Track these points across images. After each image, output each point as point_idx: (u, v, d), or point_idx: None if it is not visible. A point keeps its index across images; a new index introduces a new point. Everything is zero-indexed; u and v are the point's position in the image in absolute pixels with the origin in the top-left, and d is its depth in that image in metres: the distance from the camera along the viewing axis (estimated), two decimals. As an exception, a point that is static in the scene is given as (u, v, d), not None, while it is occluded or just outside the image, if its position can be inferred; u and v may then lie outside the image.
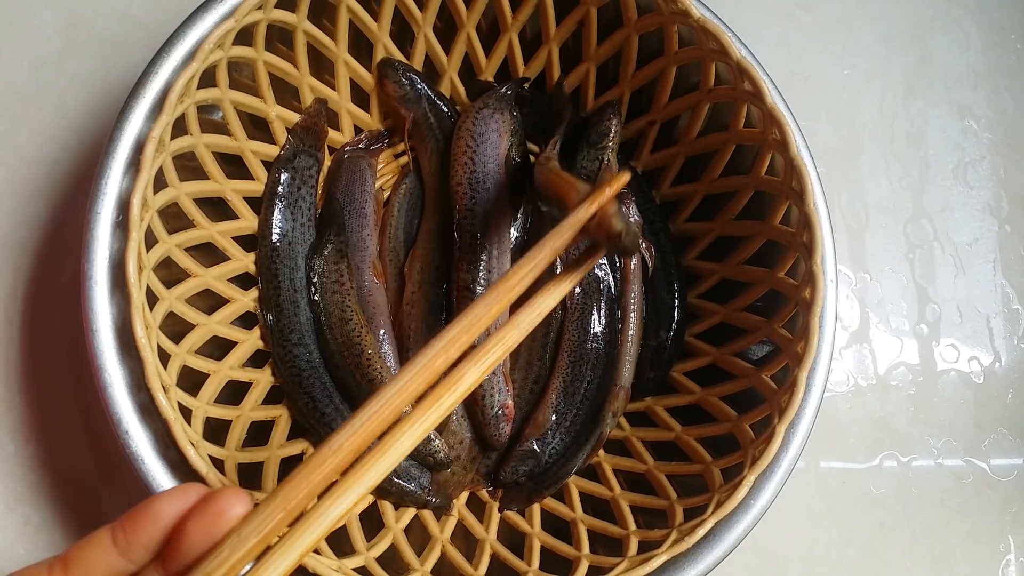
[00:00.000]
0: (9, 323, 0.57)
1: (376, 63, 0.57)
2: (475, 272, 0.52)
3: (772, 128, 0.48)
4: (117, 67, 0.62)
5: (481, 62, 0.58)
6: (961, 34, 0.73)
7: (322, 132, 0.56)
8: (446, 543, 0.49)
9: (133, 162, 0.44)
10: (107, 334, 0.43)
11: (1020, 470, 0.64)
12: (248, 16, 0.46)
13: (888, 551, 0.62)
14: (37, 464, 0.56)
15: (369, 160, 0.58)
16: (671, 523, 0.46)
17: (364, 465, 0.28)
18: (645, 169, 0.60)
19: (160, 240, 0.45)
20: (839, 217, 0.68)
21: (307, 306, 0.53)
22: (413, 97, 0.57)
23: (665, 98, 0.56)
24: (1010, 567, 0.62)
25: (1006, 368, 0.67)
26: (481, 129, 0.55)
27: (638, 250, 0.42)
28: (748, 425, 0.48)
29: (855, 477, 0.63)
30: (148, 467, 0.42)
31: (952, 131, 0.71)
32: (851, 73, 0.71)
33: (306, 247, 0.54)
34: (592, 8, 0.54)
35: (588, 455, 0.53)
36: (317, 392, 0.50)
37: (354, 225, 0.56)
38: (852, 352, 0.65)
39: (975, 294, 0.68)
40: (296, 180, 0.54)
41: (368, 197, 0.57)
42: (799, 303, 0.47)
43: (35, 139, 0.61)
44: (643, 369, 0.56)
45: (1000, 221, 0.70)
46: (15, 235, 0.59)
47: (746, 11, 0.70)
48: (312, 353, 0.52)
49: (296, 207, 0.54)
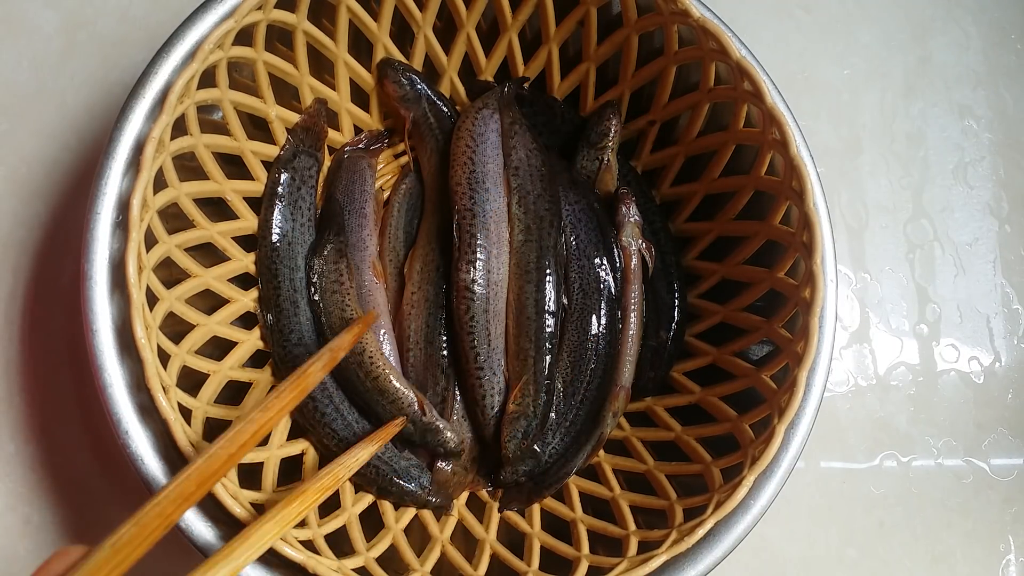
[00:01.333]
0: (9, 323, 0.58)
1: (376, 63, 0.57)
2: (474, 272, 0.52)
3: (772, 128, 0.48)
4: (117, 67, 0.63)
5: (481, 62, 0.58)
6: (961, 34, 0.73)
7: (322, 132, 0.56)
8: (446, 543, 0.49)
9: (133, 162, 0.44)
10: (107, 334, 0.43)
11: (1020, 470, 0.64)
12: (248, 16, 0.46)
13: (888, 551, 0.62)
14: (38, 464, 0.56)
15: (369, 160, 0.58)
16: (671, 523, 0.46)
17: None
18: (645, 169, 0.60)
19: (160, 240, 0.45)
20: (839, 217, 0.68)
21: (307, 306, 0.53)
22: (413, 97, 0.57)
23: (665, 98, 0.56)
24: (1010, 567, 0.62)
25: (1006, 368, 0.67)
26: (480, 129, 0.55)
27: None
28: (748, 425, 0.48)
29: (855, 477, 0.63)
30: (148, 467, 0.42)
31: (952, 131, 0.71)
32: (851, 73, 0.71)
33: (306, 247, 0.54)
34: (592, 8, 0.54)
35: (588, 455, 0.53)
36: (317, 392, 0.50)
37: (354, 225, 0.56)
38: (852, 352, 0.66)
39: (975, 294, 0.68)
40: (296, 180, 0.54)
41: (368, 197, 0.57)
42: (799, 303, 0.47)
43: (35, 139, 0.61)
44: (643, 369, 0.56)
45: (1000, 221, 0.70)
46: (15, 235, 0.59)
47: (746, 11, 0.70)
48: (312, 353, 0.52)
49: (296, 207, 0.54)
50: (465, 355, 0.52)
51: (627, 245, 0.55)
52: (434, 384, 0.53)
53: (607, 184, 0.58)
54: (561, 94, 0.60)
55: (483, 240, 0.52)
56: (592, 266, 0.55)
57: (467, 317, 0.52)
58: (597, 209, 0.56)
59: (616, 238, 0.55)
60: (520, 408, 0.52)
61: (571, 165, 0.58)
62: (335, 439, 0.50)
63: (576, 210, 0.56)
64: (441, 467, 0.52)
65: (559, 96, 0.60)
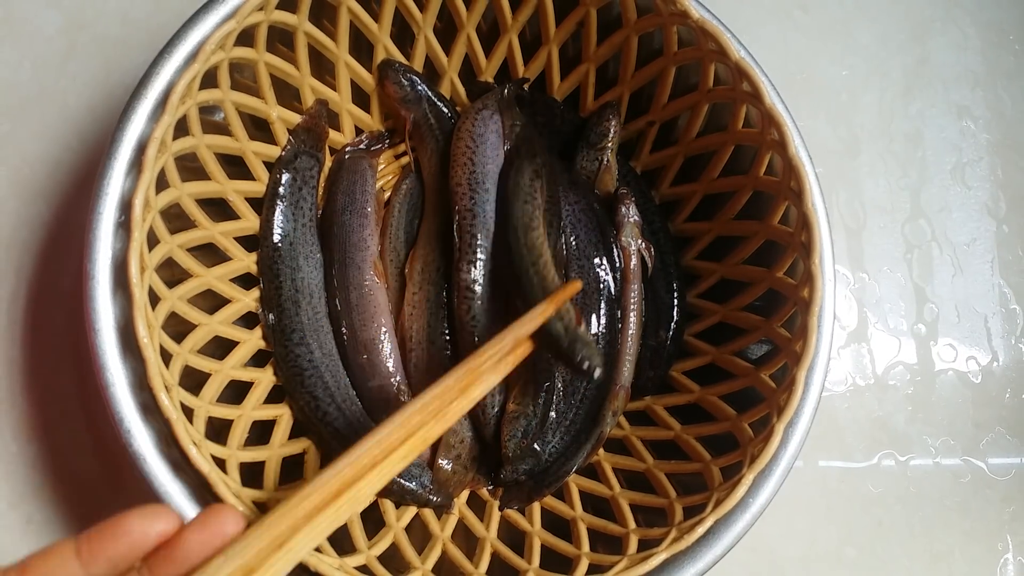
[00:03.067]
0: (12, 323, 0.58)
1: (377, 64, 0.57)
2: (474, 272, 0.52)
3: (771, 128, 0.48)
4: (119, 68, 0.63)
5: (481, 63, 0.59)
6: (960, 35, 0.73)
7: (323, 133, 0.56)
8: (447, 541, 0.50)
9: (135, 163, 0.45)
10: (109, 334, 0.43)
11: (1018, 469, 0.65)
12: (249, 17, 0.47)
13: (886, 550, 0.62)
14: (40, 463, 0.56)
15: (370, 160, 0.58)
16: (671, 521, 0.47)
17: (347, 493, 0.32)
18: (644, 169, 0.60)
19: (162, 240, 0.45)
20: (837, 217, 0.68)
21: (308, 306, 0.53)
22: (414, 98, 0.57)
23: (664, 99, 0.56)
24: (1008, 566, 0.63)
25: (1004, 367, 0.67)
26: (480, 130, 0.55)
27: (587, 364, 0.44)
28: (747, 424, 0.48)
29: (853, 476, 0.63)
30: (150, 466, 0.42)
31: (950, 131, 0.71)
32: (850, 74, 0.71)
33: (307, 247, 0.54)
34: (592, 9, 0.54)
35: (588, 454, 0.53)
36: (319, 391, 0.51)
37: (355, 225, 0.56)
38: (850, 352, 0.66)
39: (973, 294, 0.68)
40: (297, 181, 0.54)
41: (369, 197, 0.57)
42: (798, 302, 0.48)
43: (37, 140, 0.61)
44: (643, 368, 0.56)
45: (998, 221, 0.70)
46: (18, 235, 0.59)
47: (745, 12, 0.70)
48: (314, 353, 0.52)
49: (297, 208, 0.54)
50: (468, 355, 0.52)
51: (627, 245, 0.55)
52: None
53: (607, 184, 0.58)
54: (561, 95, 0.60)
55: (483, 240, 0.52)
56: (592, 266, 0.55)
57: (468, 317, 0.52)
58: (597, 209, 0.56)
59: (616, 238, 0.55)
60: (520, 407, 0.52)
61: (571, 165, 0.58)
62: (337, 438, 0.50)
63: (576, 210, 0.56)
64: (442, 465, 0.52)
65: (559, 97, 0.60)
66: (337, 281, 0.54)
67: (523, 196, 0.51)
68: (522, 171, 0.53)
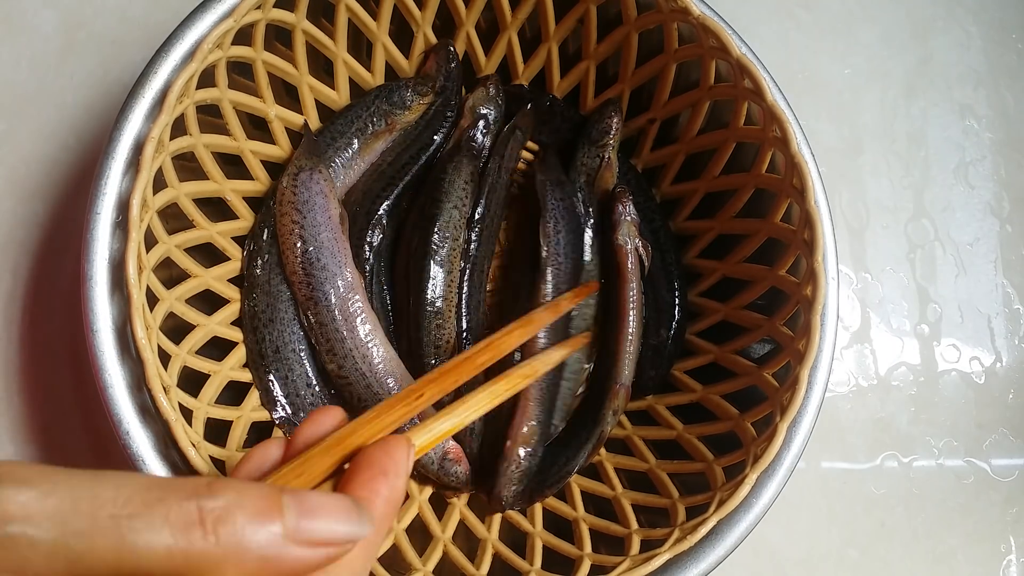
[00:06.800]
0: (9, 323, 0.57)
1: (432, 46, 0.57)
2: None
3: (772, 125, 0.48)
4: (116, 67, 0.62)
5: (481, 61, 0.58)
6: (962, 33, 0.73)
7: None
8: (448, 543, 0.49)
9: (132, 162, 0.44)
10: (107, 334, 0.42)
11: (1021, 470, 0.64)
12: (247, 16, 0.46)
13: (889, 551, 0.62)
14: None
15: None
16: (673, 522, 0.46)
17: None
18: (645, 167, 0.60)
19: (160, 240, 0.45)
20: (840, 217, 0.68)
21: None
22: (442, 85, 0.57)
23: (665, 96, 0.56)
24: (1011, 568, 0.62)
25: (1007, 368, 0.66)
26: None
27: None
28: (750, 423, 0.48)
29: (856, 477, 0.63)
30: (149, 468, 0.42)
31: (953, 131, 0.71)
32: (852, 72, 0.71)
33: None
34: (592, 6, 0.54)
35: (589, 454, 0.53)
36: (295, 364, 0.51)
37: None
38: (853, 352, 0.65)
39: (976, 294, 0.68)
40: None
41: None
42: (800, 301, 0.47)
43: (34, 139, 0.60)
44: (644, 368, 0.55)
45: (1001, 221, 0.70)
46: (14, 235, 0.59)
47: (746, 10, 0.70)
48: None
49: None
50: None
51: (623, 244, 0.55)
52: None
53: (607, 182, 0.57)
54: (561, 92, 0.60)
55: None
56: (578, 268, 0.55)
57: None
58: (580, 212, 0.56)
59: (610, 237, 0.55)
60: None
61: (571, 163, 0.58)
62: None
63: (560, 207, 0.55)
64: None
65: (559, 94, 0.60)
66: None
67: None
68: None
